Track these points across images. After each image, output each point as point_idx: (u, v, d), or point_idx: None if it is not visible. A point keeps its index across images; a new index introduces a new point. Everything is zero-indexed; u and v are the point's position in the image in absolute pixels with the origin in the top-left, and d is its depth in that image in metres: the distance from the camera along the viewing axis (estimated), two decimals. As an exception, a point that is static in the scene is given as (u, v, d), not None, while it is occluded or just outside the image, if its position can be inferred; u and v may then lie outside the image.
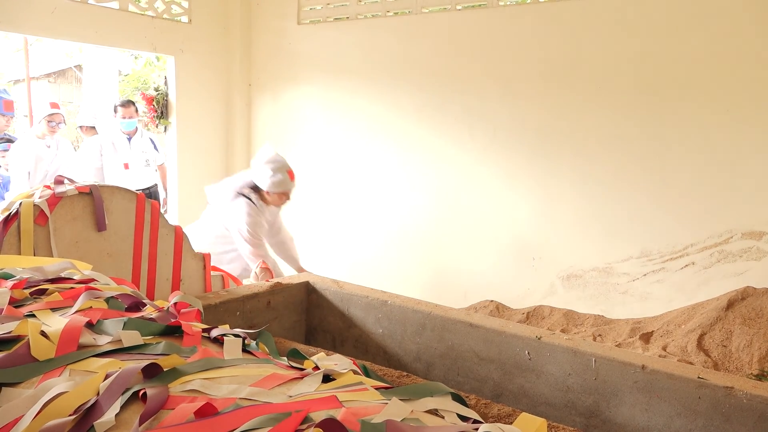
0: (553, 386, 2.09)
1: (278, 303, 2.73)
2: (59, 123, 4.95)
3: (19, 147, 4.92)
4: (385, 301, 2.56)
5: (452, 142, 4.50)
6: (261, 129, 5.66)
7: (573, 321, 3.74)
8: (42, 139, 4.93)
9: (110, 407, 0.88)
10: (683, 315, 3.41)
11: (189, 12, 5.31)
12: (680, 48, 3.59)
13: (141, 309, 1.35)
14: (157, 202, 2.54)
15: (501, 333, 2.22)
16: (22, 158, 4.83)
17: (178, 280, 2.51)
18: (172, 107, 5.39)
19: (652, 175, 3.72)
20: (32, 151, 4.86)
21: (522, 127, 4.18)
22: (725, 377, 1.82)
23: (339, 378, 1.04)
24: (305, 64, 5.27)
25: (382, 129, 4.87)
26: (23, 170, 4.81)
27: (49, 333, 1.09)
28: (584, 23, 3.89)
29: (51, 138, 4.97)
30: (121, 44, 5.06)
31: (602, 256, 3.91)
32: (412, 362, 2.48)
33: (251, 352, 1.17)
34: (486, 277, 4.38)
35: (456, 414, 0.96)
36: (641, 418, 1.91)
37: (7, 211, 2.04)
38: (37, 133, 4.96)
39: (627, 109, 3.78)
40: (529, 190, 4.18)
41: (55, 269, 1.50)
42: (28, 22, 4.33)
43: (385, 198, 4.90)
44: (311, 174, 5.32)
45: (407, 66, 4.68)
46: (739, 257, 3.47)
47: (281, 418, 0.83)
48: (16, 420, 0.89)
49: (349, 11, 5.00)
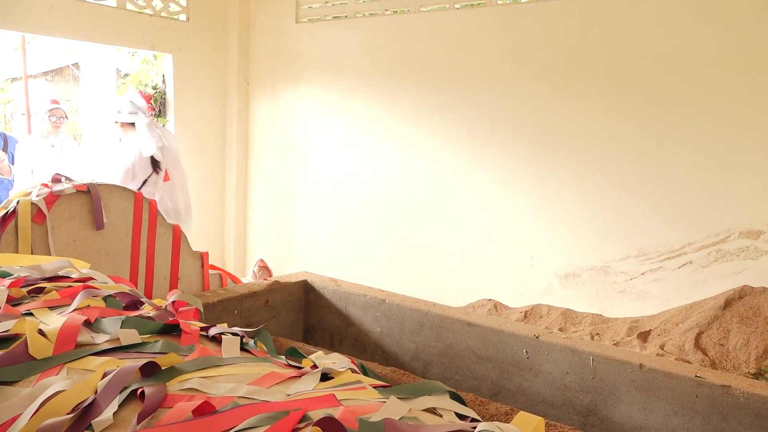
0: (551, 385, 2.09)
1: (276, 301, 2.73)
2: (61, 117, 4.87)
3: (23, 146, 4.90)
4: (383, 300, 2.56)
5: (450, 141, 4.50)
6: (259, 127, 5.66)
7: (571, 320, 3.75)
8: (46, 138, 4.90)
9: (108, 406, 0.88)
10: (681, 314, 3.41)
11: (187, 10, 5.30)
12: (677, 48, 3.59)
13: (139, 307, 1.35)
14: (155, 201, 2.53)
15: (499, 332, 2.22)
16: (25, 157, 4.80)
17: (176, 278, 2.51)
18: (170, 105, 5.38)
19: (650, 175, 3.72)
20: (36, 150, 4.83)
21: (520, 126, 4.18)
22: (722, 376, 1.82)
23: (337, 376, 1.04)
24: (303, 62, 5.27)
25: (381, 128, 4.87)
26: (26, 170, 4.78)
27: (46, 331, 1.09)
28: (582, 23, 3.90)
29: (55, 137, 4.93)
30: (118, 42, 5.05)
31: (600, 255, 3.92)
32: (410, 361, 2.48)
33: (249, 350, 1.17)
34: (484, 276, 4.39)
35: (454, 412, 0.96)
36: (639, 416, 1.91)
37: (4, 209, 2.04)
38: (42, 132, 4.92)
39: (624, 109, 3.79)
40: (527, 189, 4.18)
41: (53, 268, 1.50)
42: (25, 19, 4.32)
43: (382, 196, 4.90)
44: (309, 172, 5.32)
45: (405, 65, 4.68)
46: (736, 256, 3.48)
47: (279, 416, 0.83)
48: (13, 418, 0.89)
49: (348, 10, 5.00)
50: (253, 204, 5.76)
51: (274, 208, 5.60)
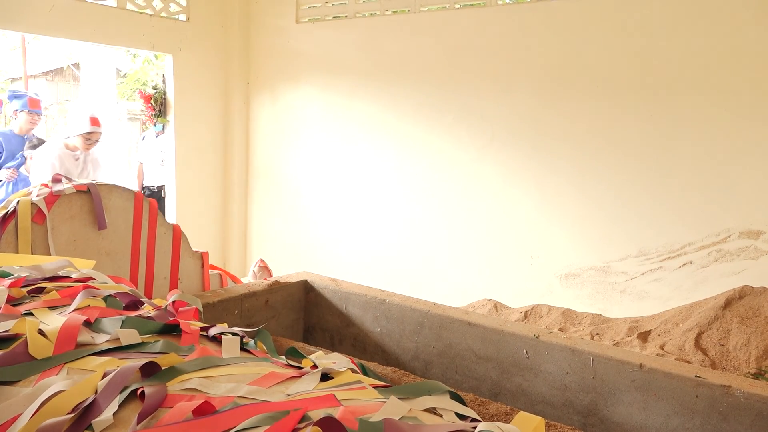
0: (551, 385, 2.09)
1: (276, 301, 2.73)
2: (97, 141, 4.40)
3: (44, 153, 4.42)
4: (383, 300, 2.56)
5: (450, 141, 4.50)
6: (259, 127, 5.66)
7: (571, 320, 3.75)
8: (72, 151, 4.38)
9: (108, 406, 0.88)
10: (681, 314, 3.41)
11: (187, 10, 5.30)
12: (678, 47, 3.59)
13: (139, 307, 1.35)
14: (155, 201, 2.53)
15: (499, 332, 2.22)
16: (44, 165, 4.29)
17: (176, 278, 2.51)
18: (171, 105, 5.38)
19: (650, 174, 3.72)
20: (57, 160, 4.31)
21: (520, 126, 4.18)
22: (723, 376, 1.82)
23: (337, 376, 1.04)
24: (304, 62, 5.27)
25: (381, 127, 4.87)
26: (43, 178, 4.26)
27: (47, 331, 1.09)
28: (582, 22, 3.90)
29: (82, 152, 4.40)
30: (119, 42, 5.05)
31: (600, 255, 3.92)
32: (410, 361, 2.48)
33: (249, 350, 1.17)
34: (484, 276, 4.39)
35: (454, 412, 0.96)
36: (639, 416, 1.91)
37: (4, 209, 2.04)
38: (69, 143, 4.40)
39: (625, 108, 3.79)
40: (527, 189, 4.18)
41: (53, 268, 1.50)
42: (25, 19, 4.32)
43: (382, 196, 4.90)
44: (309, 172, 5.32)
45: (406, 65, 4.68)
46: (736, 256, 3.48)
47: (279, 416, 0.83)
48: (14, 418, 0.89)
49: (348, 10, 5.00)
50: (253, 204, 5.76)
51: (275, 208, 5.60)
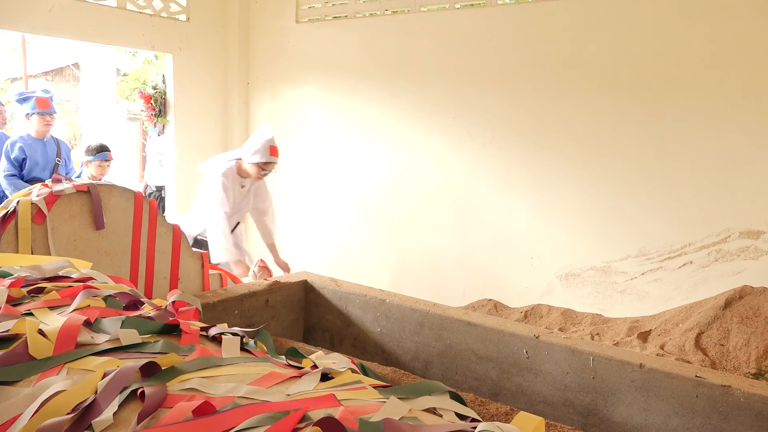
0: (551, 385, 2.09)
1: (276, 301, 2.73)
2: (270, 172, 3.70)
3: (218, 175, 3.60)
4: (383, 300, 2.56)
5: (450, 141, 4.49)
6: (259, 127, 5.65)
7: (571, 320, 3.75)
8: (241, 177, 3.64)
9: (108, 406, 0.88)
10: (681, 314, 3.41)
11: (187, 10, 5.30)
12: (678, 48, 3.59)
13: (139, 307, 1.35)
14: (155, 201, 2.53)
15: (499, 332, 2.22)
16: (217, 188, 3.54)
17: (176, 278, 2.51)
18: (171, 105, 5.38)
19: (651, 175, 3.72)
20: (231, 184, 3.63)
21: (520, 126, 4.18)
22: (723, 376, 1.82)
23: (337, 377, 1.04)
24: (303, 62, 5.27)
25: (381, 128, 4.87)
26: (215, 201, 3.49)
27: (47, 331, 1.09)
28: (582, 22, 3.90)
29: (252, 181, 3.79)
30: (119, 42, 5.05)
31: (600, 255, 3.92)
32: (410, 361, 2.48)
33: (249, 350, 1.17)
34: (484, 276, 4.39)
35: (454, 412, 0.96)
36: (639, 416, 1.91)
37: (4, 209, 2.04)
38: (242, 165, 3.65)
39: (625, 109, 3.78)
40: (528, 189, 4.18)
41: (53, 268, 1.50)
42: (25, 19, 4.31)
43: (382, 196, 4.90)
44: (309, 172, 5.32)
45: (406, 65, 4.68)
46: (736, 256, 3.47)
47: (279, 416, 0.83)
48: (13, 418, 0.89)
49: (348, 10, 5.00)
50: (253, 204, 5.75)
51: (274, 208, 5.59)
